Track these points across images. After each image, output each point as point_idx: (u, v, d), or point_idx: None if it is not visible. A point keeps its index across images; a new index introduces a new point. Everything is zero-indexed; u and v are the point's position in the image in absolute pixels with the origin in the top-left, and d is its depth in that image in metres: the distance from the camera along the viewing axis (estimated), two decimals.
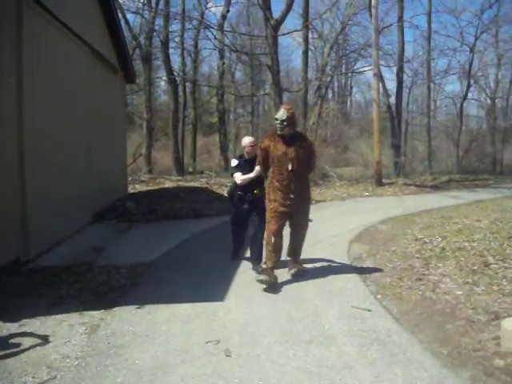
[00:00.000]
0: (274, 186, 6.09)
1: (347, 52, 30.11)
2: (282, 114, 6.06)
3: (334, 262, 7.06)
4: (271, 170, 6.16)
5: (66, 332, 4.60)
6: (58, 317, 4.97)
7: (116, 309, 5.20)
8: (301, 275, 6.28)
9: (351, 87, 43.23)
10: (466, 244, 7.98)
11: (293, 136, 6.18)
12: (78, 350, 4.18)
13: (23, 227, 7.15)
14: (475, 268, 6.56)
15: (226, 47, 24.33)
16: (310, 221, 6.53)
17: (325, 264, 7.00)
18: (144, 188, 16.92)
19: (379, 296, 5.58)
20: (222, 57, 27.17)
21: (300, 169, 6.10)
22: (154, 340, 4.37)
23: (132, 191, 15.68)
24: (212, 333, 4.45)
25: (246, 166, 6.67)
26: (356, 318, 4.87)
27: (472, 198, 15.18)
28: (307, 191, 6.40)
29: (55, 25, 8.39)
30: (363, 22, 26.85)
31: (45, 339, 4.45)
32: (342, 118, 36.03)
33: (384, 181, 18.51)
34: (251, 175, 6.51)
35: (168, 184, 18.12)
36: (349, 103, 44.42)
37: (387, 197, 15.93)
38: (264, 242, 6.32)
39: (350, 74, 36.60)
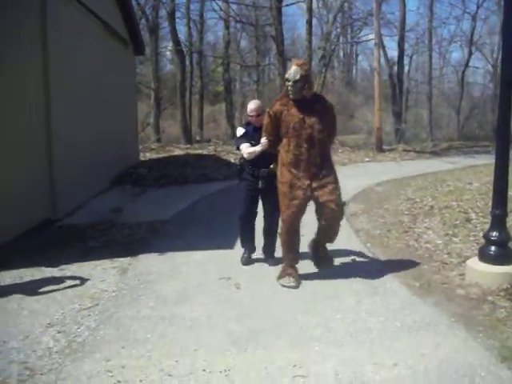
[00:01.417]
0: (289, 162, 4.88)
1: (351, 20, 30.41)
2: (294, 72, 4.75)
3: None
4: (284, 142, 4.93)
5: (101, 273, 5.45)
6: (92, 263, 5.80)
7: (140, 256, 6.06)
8: (329, 266, 5.39)
9: (357, 55, 43.42)
10: (454, 203, 8.73)
11: (311, 99, 4.93)
12: (114, 286, 5.04)
13: (52, 191, 7.97)
14: (457, 223, 7.34)
15: (231, 17, 24.71)
16: (345, 204, 5.42)
17: None
18: (154, 156, 17.64)
19: (368, 244, 6.40)
20: (227, 27, 27.52)
21: (322, 139, 4.90)
22: (176, 278, 5.22)
23: (143, 159, 16.43)
24: (224, 272, 5.29)
25: (255, 135, 5.41)
26: (347, 261, 5.68)
27: (468, 163, 15.85)
28: (332, 167, 5.09)
29: (74, 4, 9.06)
30: None
31: (83, 279, 5.28)
32: (347, 86, 36.40)
33: (385, 147, 19.20)
34: (257, 148, 5.29)
35: (177, 152, 18.83)
36: (354, 71, 44.65)
37: (387, 162, 16.65)
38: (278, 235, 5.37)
39: (354, 42, 36.84)
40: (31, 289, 4.98)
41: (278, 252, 5.50)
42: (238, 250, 5.96)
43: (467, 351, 3.53)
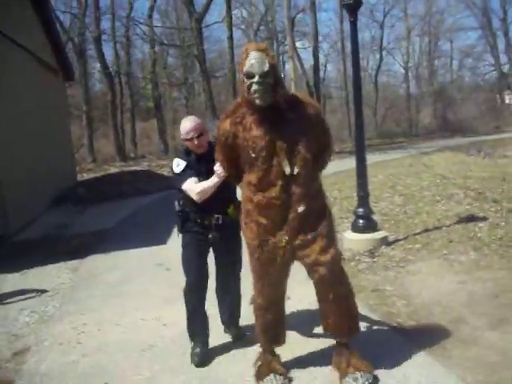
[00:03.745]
0: (257, 209, 3.19)
1: (273, 33, 32.16)
2: (258, 60, 2.94)
3: None
4: (247, 177, 3.22)
5: (57, 273, 6.66)
6: (48, 267, 6.97)
7: (89, 257, 7.31)
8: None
9: (283, 63, 45.30)
10: (354, 194, 10.35)
11: (285, 106, 3.09)
12: (69, 280, 6.29)
13: (2, 209, 9.03)
14: (351, 208, 8.91)
15: (155, 40, 25.96)
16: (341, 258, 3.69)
17: None
18: (91, 175, 18.64)
19: None
20: (152, 46, 28.67)
21: (306, 170, 3.13)
22: (119, 269, 6.53)
23: (81, 179, 17.43)
24: (158, 260, 6.60)
25: (200, 168, 3.68)
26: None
27: (380, 158, 17.73)
28: (324, 208, 3.32)
29: (7, 44, 10.16)
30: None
31: (43, 291, 6.21)
32: None
33: None
34: (211, 182, 3.55)
35: (113, 170, 19.91)
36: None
37: None
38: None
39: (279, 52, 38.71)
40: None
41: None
42: (170, 244, 7.26)
43: None
